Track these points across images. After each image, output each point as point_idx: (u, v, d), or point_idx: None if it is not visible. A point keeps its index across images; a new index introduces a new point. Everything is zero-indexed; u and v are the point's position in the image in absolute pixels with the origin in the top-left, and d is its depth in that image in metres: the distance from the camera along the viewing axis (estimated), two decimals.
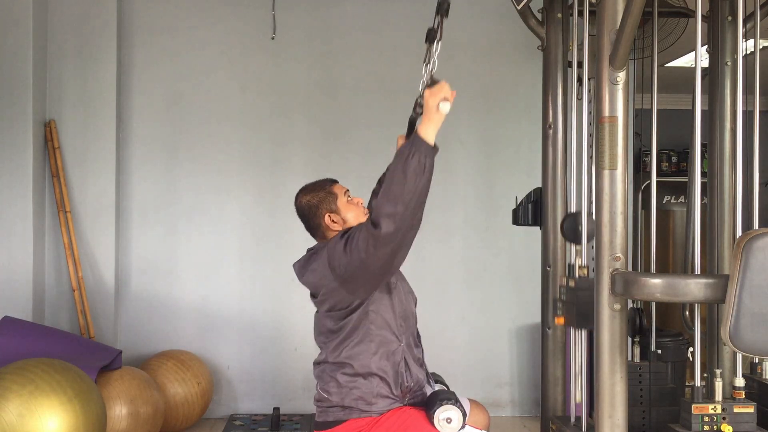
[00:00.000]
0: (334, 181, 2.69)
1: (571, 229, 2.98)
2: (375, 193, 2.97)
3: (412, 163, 2.24)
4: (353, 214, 2.62)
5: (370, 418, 2.50)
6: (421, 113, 2.39)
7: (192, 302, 4.91)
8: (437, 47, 2.56)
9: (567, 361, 3.37)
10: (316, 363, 2.65)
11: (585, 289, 2.79)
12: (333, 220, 2.60)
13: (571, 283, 2.89)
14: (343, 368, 2.53)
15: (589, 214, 2.95)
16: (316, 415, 2.64)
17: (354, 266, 2.39)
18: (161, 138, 4.89)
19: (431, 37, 2.60)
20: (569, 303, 2.90)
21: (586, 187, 3.06)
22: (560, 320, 3.01)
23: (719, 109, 3.20)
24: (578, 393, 2.96)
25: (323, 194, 2.63)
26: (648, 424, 3.12)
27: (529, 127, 4.82)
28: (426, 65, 2.60)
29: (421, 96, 2.44)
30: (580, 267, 2.93)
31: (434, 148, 2.28)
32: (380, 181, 2.93)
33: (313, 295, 2.63)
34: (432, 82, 2.43)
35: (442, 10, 2.51)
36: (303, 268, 2.62)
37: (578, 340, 2.92)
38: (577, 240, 2.96)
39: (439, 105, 2.25)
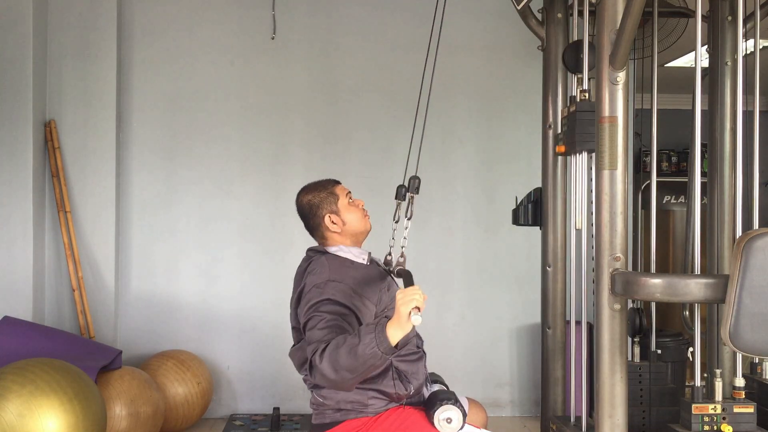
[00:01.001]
0: (337, 182, 2.69)
1: (572, 58, 3.00)
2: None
3: (368, 353, 2.17)
4: (354, 216, 2.61)
5: (367, 417, 2.49)
6: (395, 275, 2.47)
7: (192, 302, 4.91)
8: (408, 224, 2.61)
9: (567, 361, 3.37)
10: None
11: (585, 110, 2.81)
12: (333, 221, 2.59)
13: (572, 108, 2.90)
14: None
15: (591, 43, 2.96)
16: (312, 417, 2.63)
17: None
18: (161, 138, 4.89)
19: (400, 195, 2.67)
20: (569, 129, 2.91)
21: (586, 187, 3.06)
22: (561, 148, 3.02)
23: (719, 109, 3.20)
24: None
25: (325, 194, 2.62)
26: (648, 424, 3.13)
27: (529, 127, 4.82)
28: (396, 222, 2.65)
29: (401, 255, 2.55)
30: (581, 91, 2.93)
31: (394, 349, 2.20)
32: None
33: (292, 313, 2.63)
34: (404, 276, 2.46)
35: (412, 188, 2.62)
36: (295, 282, 2.61)
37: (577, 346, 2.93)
38: (578, 68, 2.98)
39: (411, 315, 2.15)
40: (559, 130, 3.22)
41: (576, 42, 3.08)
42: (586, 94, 2.93)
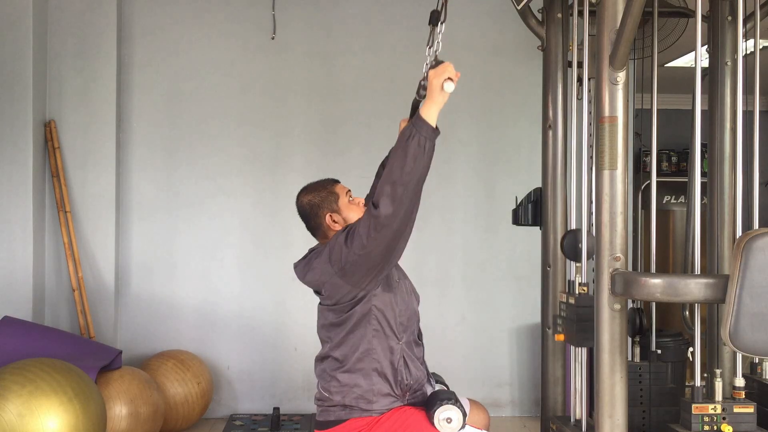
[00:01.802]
0: (336, 181, 2.69)
1: (571, 246, 2.98)
2: (378, 176, 2.98)
3: (412, 145, 2.25)
4: (354, 215, 2.61)
5: (371, 417, 2.50)
6: (425, 95, 2.39)
7: (192, 302, 4.91)
8: (441, 29, 2.57)
9: (567, 361, 3.37)
10: (318, 359, 2.65)
11: (585, 306, 2.80)
12: (334, 220, 2.60)
13: (571, 300, 2.89)
14: (344, 365, 2.53)
15: (589, 231, 2.95)
16: (316, 414, 2.64)
17: (355, 255, 2.40)
18: (161, 138, 4.89)
19: (434, 19, 2.61)
20: (569, 320, 2.90)
21: (586, 187, 3.06)
22: (560, 337, 3.01)
23: (719, 109, 3.20)
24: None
25: (325, 194, 2.63)
26: (648, 424, 3.12)
27: (529, 127, 4.82)
28: (429, 48, 2.60)
29: (425, 78, 2.44)
30: (580, 284, 2.93)
31: (435, 130, 2.29)
32: (383, 165, 2.94)
33: (317, 292, 2.63)
34: (436, 63, 2.42)
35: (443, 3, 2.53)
36: (304, 268, 2.62)
37: (578, 350, 2.92)
38: (577, 257, 2.97)
39: (444, 85, 2.25)
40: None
41: (573, 231, 3.05)
42: (585, 288, 2.92)
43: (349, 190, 2.67)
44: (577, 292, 2.92)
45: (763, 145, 3.02)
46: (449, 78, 2.27)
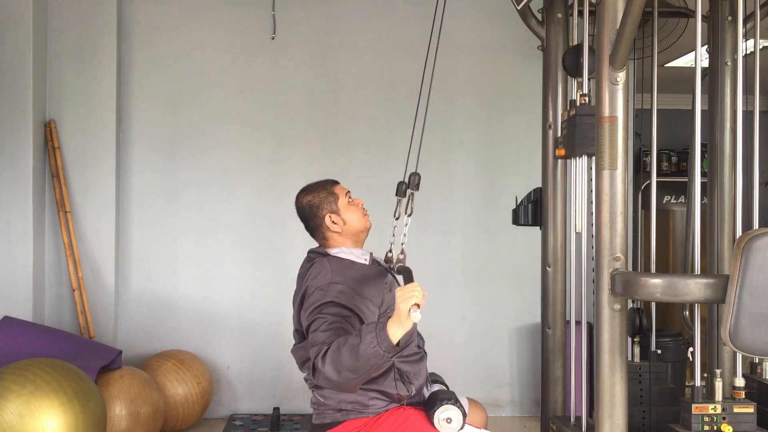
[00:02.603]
0: (336, 182, 2.69)
1: (572, 63, 2.99)
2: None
3: (370, 352, 2.17)
4: (354, 216, 2.61)
5: (368, 418, 2.49)
6: (395, 271, 2.46)
7: (192, 302, 4.91)
8: (408, 221, 2.60)
9: (567, 361, 3.37)
10: (308, 378, 2.62)
11: (585, 114, 2.81)
12: (333, 221, 2.60)
13: (572, 112, 2.89)
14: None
15: (591, 47, 2.96)
16: (313, 417, 2.63)
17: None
18: (161, 138, 4.89)
19: (400, 191, 2.65)
20: (569, 133, 2.91)
21: (586, 188, 3.06)
22: (561, 152, 3.01)
23: (719, 109, 3.20)
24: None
25: (324, 194, 2.62)
26: (648, 424, 3.13)
27: (529, 127, 4.82)
28: (396, 219, 2.63)
29: (401, 252, 2.51)
30: (581, 95, 2.93)
31: (396, 347, 2.20)
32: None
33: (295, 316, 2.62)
34: (404, 273, 2.44)
35: (413, 183, 2.60)
36: (297, 291, 2.60)
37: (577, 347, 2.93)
38: (578, 72, 2.98)
39: (410, 313, 2.15)
40: (559, 133, 3.22)
41: (576, 46, 3.08)
42: (586, 98, 2.92)
43: (349, 191, 2.67)
44: (578, 103, 2.93)
45: (763, 145, 3.02)
46: (416, 304, 2.16)
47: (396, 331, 2.18)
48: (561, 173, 3.36)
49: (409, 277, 2.41)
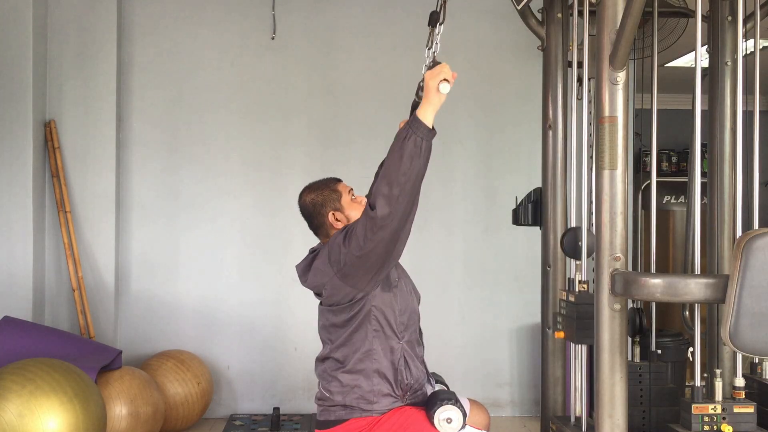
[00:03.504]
0: (338, 180, 2.69)
1: (571, 244, 2.98)
2: (377, 176, 2.98)
3: (409, 145, 2.24)
4: (357, 213, 2.61)
5: (372, 417, 2.50)
6: (422, 89, 2.40)
7: (192, 302, 4.91)
8: (440, 30, 2.56)
9: (567, 361, 3.37)
10: (319, 359, 2.65)
11: (585, 304, 2.80)
12: (337, 219, 2.60)
13: (571, 298, 2.89)
14: (345, 365, 2.53)
15: (589, 229, 2.95)
16: (317, 414, 2.64)
17: (353, 256, 2.39)
18: (161, 138, 4.89)
19: (434, 20, 2.61)
20: (569, 317, 2.91)
21: (586, 187, 3.06)
22: (560, 334, 3.01)
23: (719, 109, 3.19)
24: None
25: (327, 192, 2.63)
26: (648, 424, 3.12)
27: (529, 127, 4.82)
28: (428, 49, 2.60)
29: (423, 80, 2.44)
30: (580, 282, 2.93)
31: (432, 131, 2.28)
32: (381, 164, 2.93)
33: (317, 294, 2.63)
34: (433, 64, 2.41)
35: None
36: (305, 270, 2.62)
37: (578, 348, 2.93)
38: (576, 255, 2.97)
39: (439, 86, 2.24)
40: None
41: (573, 229, 3.06)
42: (585, 286, 2.92)
43: (352, 189, 2.67)
44: (577, 289, 2.92)
45: (763, 145, 3.02)
46: (445, 79, 2.26)
47: (427, 112, 2.27)
48: (561, 173, 3.36)
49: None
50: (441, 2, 2.55)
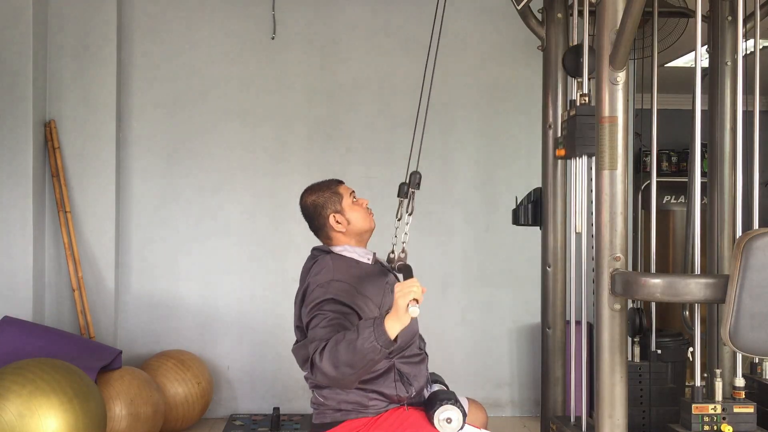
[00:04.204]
0: (340, 182, 2.69)
1: (572, 63, 3.00)
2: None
3: (367, 347, 2.17)
4: (358, 215, 2.61)
5: (368, 418, 2.49)
6: (395, 270, 2.45)
7: (192, 302, 4.91)
8: (409, 220, 2.58)
9: (567, 361, 3.37)
10: (308, 376, 2.63)
11: (585, 114, 2.81)
12: (338, 221, 2.60)
13: (572, 112, 2.90)
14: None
15: (590, 47, 2.96)
16: (313, 417, 2.63)
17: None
18: (161, 138, 4.89)
19: (402, 193, 2.63)
20: (569, 133, 2.91)
21: (586, 188, 3.06)
22: (561, 152, 3.01)
23: (719, 109, 3.20)
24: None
25: (329, 194, 2.62)
26: (648, 424, 3.13)
27: (529, 127, 4.82)
28: (398, 219, 2.61)
29: (402, 251, 2.52)
30: (581, 95, 2.93)
31: (393, 342, 2.21)
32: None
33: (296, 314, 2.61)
34: (402, 269, 2.43)
35: (414, 181, 2.59)
36: (300, 289, 2.59)
37: (578, 347, 2.93)
38: (578, 72, 2.98)
39: (408, 308, 2.17)
40: (559, 133, 3.22)
41: (576, 46, 3.08)
42: (586, 98, 2.92)
43: (353, 191, 2.67)
44: (578, 103, 2.93)
45: (763, 145, 3.02)
46: (415, 299, 2.18)
47: (394, 326, 2.19)
48: (561, 173, 3.36)
49: (408, 274, 2.42)
50: (408, 189, 2.59)
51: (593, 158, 2.71)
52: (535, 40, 3.44)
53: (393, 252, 2.63)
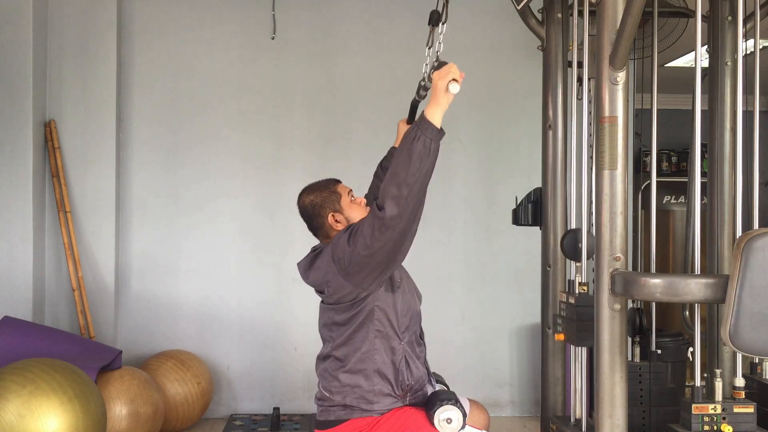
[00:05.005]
0: (338, 181, 2.69)
1: (571, 246, 2.99)
2: (377, 176, 2.97)
3: (418, 146, 2.25)
4: (357, 214, 2.61)
5: (371, 418, 2.50)
6: (425, 96, 2.40)
7: (192, 302, 4.91)
8: (442, 29, 2.56)
9: (567, 361, 3.37)
10: (320, 358, 2.65)
11: (585, 306, 2.80)
12: (336, 220, 2.60)
13: (571, 300, 2.89)
14: (345, 365, 2.53)
15: (589, 230, 2.96)
16: (317, 414, 2.63)
17: (359, 255, 2.39)
18: (161, 138, 4.89)
19: (434, 19, 2.61)
20: (569, 320, 2.91)
21: (586, 187, 3.06)
22: (560, 336, 3.01)
23: (719, 109, 3.19)
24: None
25: (327, 194, 2.62)
26: (648, 424, 3.12)
27: (529, 127, 4.82)
28: (429, 48, 2.60)
29: (425, 79, 2.44)
30: (580, 284, 2.93)
31: (440, 131, 2.28)
32: (381, 165, 2.92)
33: (319, 292, 2.63)
34: (439, 64, 2.41)
35: (443, 15, 2.53)
36: (307, 268, 2.61)
37: (578, 350, 2.92)
38: (576, 257, 2.97)
39: (449, 86, 2.24)
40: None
41: (573, 230, 3.06)
42: (585, 287, 2.93)
43: (351, 190, 2.67)
44: (577, 291, 2.92)
45: (763, 145, 3.02)
46: (454, 79, 2.26)
47: (435, 113, 2.27)
48: (561, 173, 3.36)
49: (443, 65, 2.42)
50: (443, 1, 2.55)
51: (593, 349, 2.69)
52: (535, 40, 3.44)
53: (424, 79, 2.59)
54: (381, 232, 2.32)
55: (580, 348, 3.00)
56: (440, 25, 2.57)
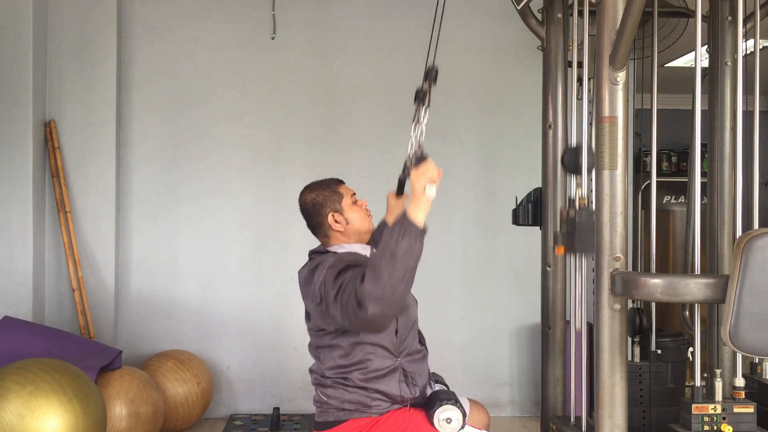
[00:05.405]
0: (341, 182, 2.68)
1: (572, 161, 3.01)
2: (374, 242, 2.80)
3: (402, 247, 2.18)
4: (357, 216, 2.60)
5: (371, 418, 2.49)
6: (409, 176, 2.39)
7: (192, 302, 4.91)
8: (425, 114, 2.51)
9: (567, 361, 3.37)
10: (312, 371, 2.63)
11: (585, 216, 2.81)
12: (336, 220, 2.59)
13: (572, 213, 2.90)
14: (340, 382, 2.51)
15: (590, 147, 2.97)
16: (315, 415, 2.63)
17: (342, 320, 2.35)
18: (161, 138, 4.89)
19: (419, 97, 2.55)
20: (569, 232, 2.91)
21: (586, 187, 3.06)
22: (560, 249, 3.02)
23: (719, 109, 3.19)
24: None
25: (329, 193, 2.61)
26: (648, 424, 3.13)
27: (529, 127, 4.82)
28: (415, 124, 2.54)
29: (410, 158, 2.42)
30: (580, 198, 2.94)
31: (423, 231, 2.22)
32: (374, 236, 2.73)
33: (307, 315, 2.60)
34: (417, 161, 2.38)
35: (431, 77, 2.48)
36: (305, 285, 2.56)
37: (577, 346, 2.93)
38: (577, 171, 2.98)
39: (425, 189, 2.19)
40: (558, 228, 3.18)
41: (574, 147, 3.08)
42: (585, 201, 2.93)
43: (354, 192, 2.66)
44: (577, 206, 2.93)
45: (763, 145, 3.02)
46: (431, 180, 2.21)
47: (417, 213, 2.24)
48: (561, 173, 3.36)
49: (422, 161, 2.38)
50: (426, 85, 2.51)
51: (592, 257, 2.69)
52: (535, 40, 3.44)
53: (410, 158, 2.54)
54: (360, 323, 2.27)
55: (580, 349, 2.99)
56: (424, 109, 2.51)
